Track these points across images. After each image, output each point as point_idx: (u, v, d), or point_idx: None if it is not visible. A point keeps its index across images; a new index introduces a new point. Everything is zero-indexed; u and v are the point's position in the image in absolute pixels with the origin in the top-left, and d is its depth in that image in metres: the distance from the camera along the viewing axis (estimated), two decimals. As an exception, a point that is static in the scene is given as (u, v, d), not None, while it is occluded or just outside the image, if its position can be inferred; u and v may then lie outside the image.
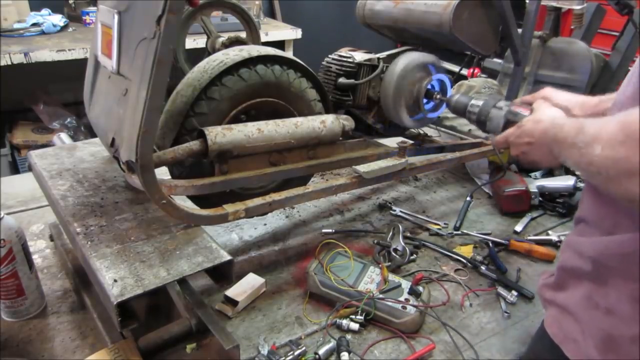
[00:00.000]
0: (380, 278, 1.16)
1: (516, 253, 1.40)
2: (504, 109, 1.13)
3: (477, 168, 1.86)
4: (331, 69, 1.42)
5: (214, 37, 1.41)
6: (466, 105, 1.21)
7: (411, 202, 1.67)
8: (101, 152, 1.33)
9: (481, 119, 1.18)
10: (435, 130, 1.87)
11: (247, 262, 1.31)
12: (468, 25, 1.34)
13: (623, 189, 0.61)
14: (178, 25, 1.05)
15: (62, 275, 1.23)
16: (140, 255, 0.94)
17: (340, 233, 1.45)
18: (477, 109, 1.18)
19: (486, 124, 1.16)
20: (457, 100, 1.25)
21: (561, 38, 1.85)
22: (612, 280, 0.76)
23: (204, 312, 0.95)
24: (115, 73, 1.01)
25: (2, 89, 2.82)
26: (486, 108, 1.16)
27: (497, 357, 1.05)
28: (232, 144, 1.07)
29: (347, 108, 1.43)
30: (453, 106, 1.27)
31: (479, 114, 1.18)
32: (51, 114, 2.97)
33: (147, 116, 0.86)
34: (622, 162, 0.60)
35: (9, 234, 1.00)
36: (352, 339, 1.06)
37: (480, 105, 1.17)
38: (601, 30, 1.98)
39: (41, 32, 2.84)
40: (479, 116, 1.18)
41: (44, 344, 1.02)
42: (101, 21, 1.09)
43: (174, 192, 1.03)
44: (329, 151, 1.28)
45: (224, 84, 1.12)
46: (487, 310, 1.18)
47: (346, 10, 4.02)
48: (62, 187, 1.15)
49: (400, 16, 1.44)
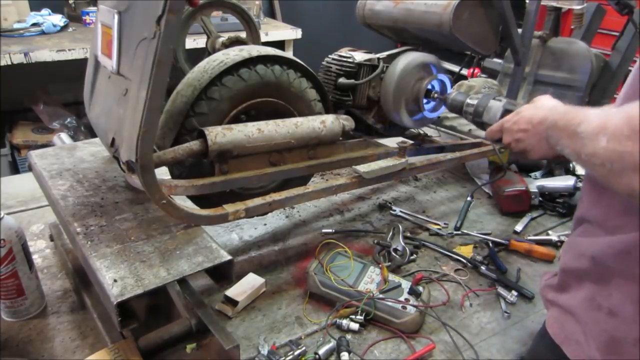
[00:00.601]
0: (380, 278, 1.16)
1: (516, 253, 1.40)
2: (503, 100, 1.12)
3: (477, 168, 1.86)
4: (331, 69, 1.42)
5: (214, 37, 1.41)
6: (463, 101, 1.21)
7: (411, 202, 1.67)
8: (101, 152, 1.33)
9: (479, 110, 1.17)
10: (435, 130, 1.87)
11: (247, 262, 1.31)
12: (468, 25, 1.34)
13: (625, 183, 0.60)
14: (178, 25, 1.05)
15: (62, 275, 1.23)
16: (140, 255, 0.94)
17: (340, 233, 1.45)
18: (475, 101, 1.17)
19: (483, 114, 1.15)
20: (453, 98, 1.25)
21: (561, 38, 1.85)
22: (615, 281, 0.75)
23: (204, 312, 0.95)
24: (115, 73, 1.01)
25: (2, 89, 2.82)
26: (485, 100, 1.16)
27: (497, 357, 1.05)
28: (232, 144, 1.07)
29: (347, 108, 1.43)
30: (450, 103, 1.26)
31: (476, 106, 1.18)
32: (51, 114, 2.97)
33: (147, 116, 0.86)
34: (627, 155, 0.59)
35: (9, 234, 1.00)
36: (352, 339, 1.06)
37: (479, 98, 1.17)
38: (601, 30, 1.97)
39: (41, 32, 2.84)
40: (477, 107, 1.17)
41: (44, 344, 1.02)
42: (101, 21, 1.09)
43: (174, 192, 1.03)
44: (329, 151, 1.28)
45: (224, 84, 1.12)
46: (487, 310, 1.18)
47: (346, 10, 4.02)
48: (62, 187, 1.15)
49: (400, 16, 1.44)
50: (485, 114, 1.15)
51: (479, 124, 1.17)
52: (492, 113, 1.14)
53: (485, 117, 1.16)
